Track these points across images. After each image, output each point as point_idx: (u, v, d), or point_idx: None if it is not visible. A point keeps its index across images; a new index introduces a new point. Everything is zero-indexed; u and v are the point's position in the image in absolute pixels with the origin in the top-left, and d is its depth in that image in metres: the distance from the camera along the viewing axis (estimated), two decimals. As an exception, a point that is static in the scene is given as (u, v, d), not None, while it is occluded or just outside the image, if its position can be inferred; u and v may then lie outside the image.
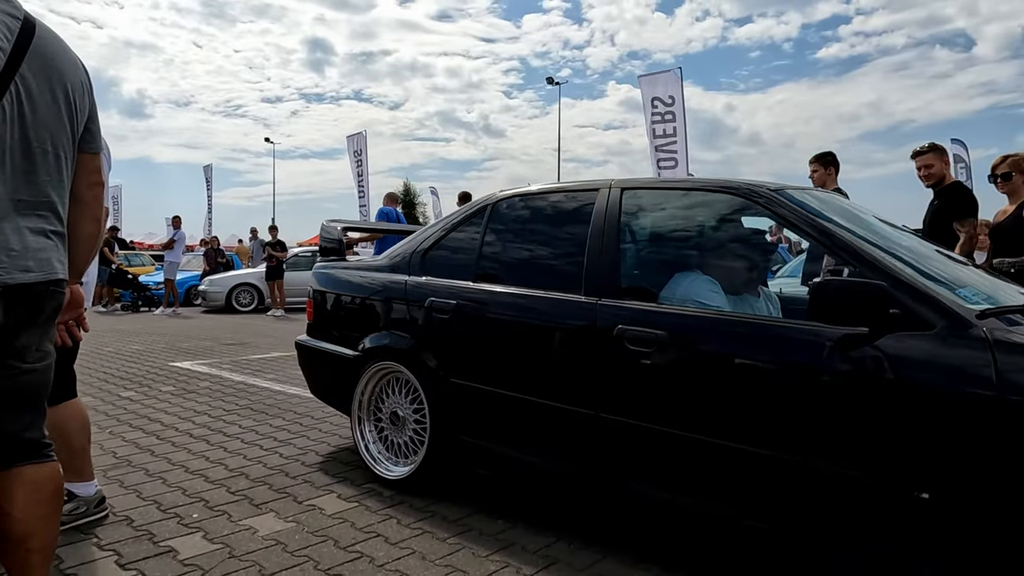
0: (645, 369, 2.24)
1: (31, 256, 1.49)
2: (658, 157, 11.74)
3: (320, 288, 3.55)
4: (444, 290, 2.92)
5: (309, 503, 2.81)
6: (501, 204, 3.01)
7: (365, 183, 17.94)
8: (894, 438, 1.76)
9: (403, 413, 3.05)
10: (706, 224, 2.70)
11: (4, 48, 1.40)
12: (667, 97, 11.65)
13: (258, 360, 6.81)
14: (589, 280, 2.50)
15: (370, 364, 3.14)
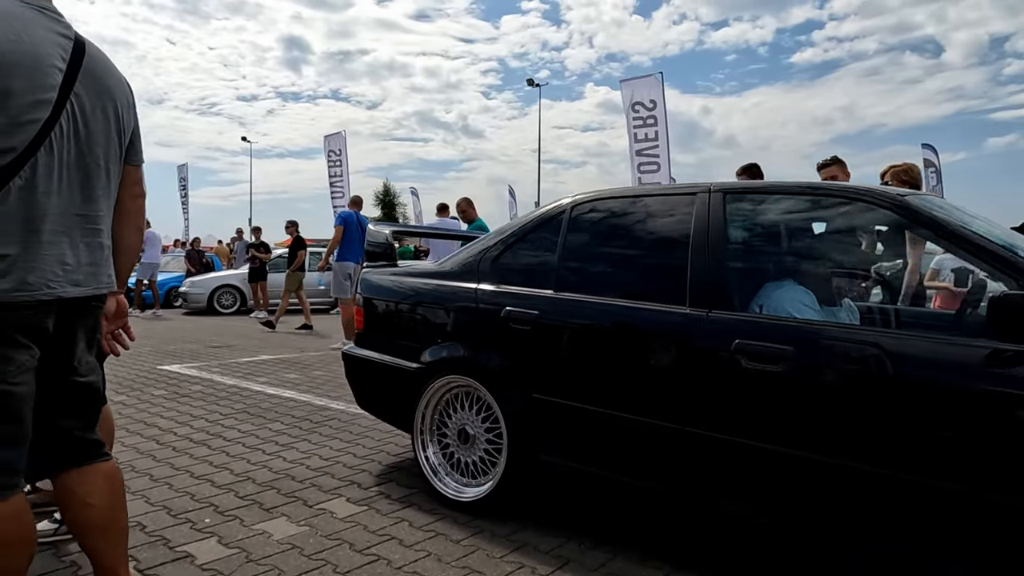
0: (769, 387, 2.08)
1: (82, 270, 1.56)
2: (639, 161, 11.88)
3: (372, 296, 3.34)
4: (523, 300, 2.73)
5: (319, 507, 2.84)
6: (580, 208, 2.81)
7: (345, 184, 17.86)
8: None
9: (473, 430, 2.86)
10: (821, 231, 2.63)
11: (60, 68, 1.46)
12: (648, 101, 11.79)
13: (247, 363, 6.78)
14: (695, 291, 2.33)
15: (435, 378, 2.93)
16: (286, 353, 7.63)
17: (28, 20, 1.45)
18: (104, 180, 1.62)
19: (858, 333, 2.10)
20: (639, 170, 11.84)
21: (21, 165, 1.41)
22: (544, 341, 2.64)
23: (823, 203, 2.46)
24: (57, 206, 1.50)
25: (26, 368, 1.48)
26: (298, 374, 6.17)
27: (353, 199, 8.85)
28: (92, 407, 1.73)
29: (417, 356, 3.01)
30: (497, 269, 2.91)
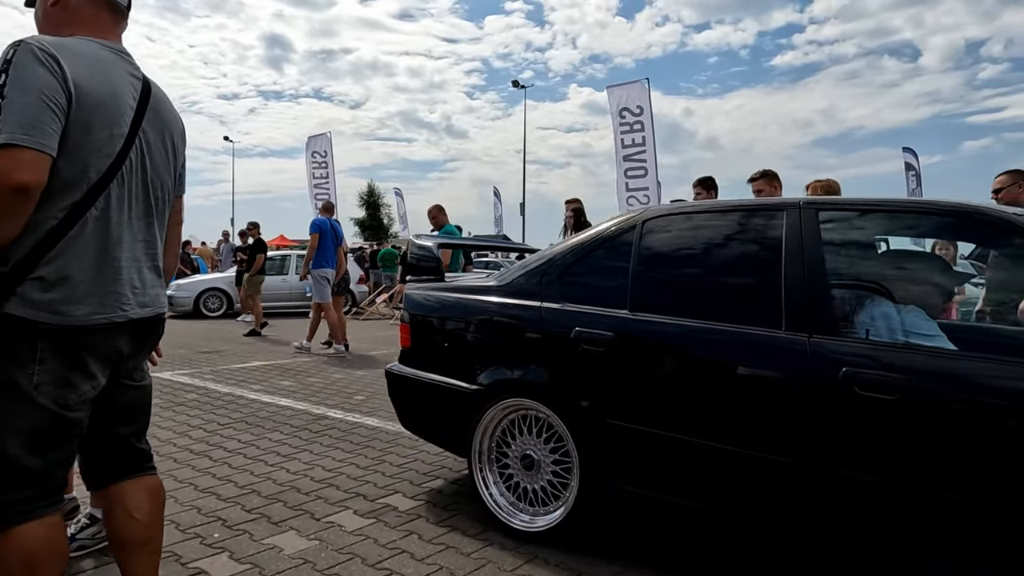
0: (884, 417, 1.97)
1: (148, 292, 1.68)
2: (626, 166, 11.97)
3: (421, 312, 3.20)
4: (595, 320, 2.59)
5: (327, 520, 2.86)
6: (653, 223, 2.68)
7: (331, 185, 17.78)
8: None
9: (538, 456, 2.73)
10: (919, 247, 2.54)
11: (132, 105, 1.59)
12: (635, 107, 11.89)
13: (240, 370, 6.75)
14: (792, 313, 2.21)
15: (495, 400, 2.80)
16: (277, 359, 7.60)
17: (110, 62, 1.59)
18: (162, 209, 1.74)
19: (986, 362, 1.94)
20: (626, 175, 11.93)
21: (97, 196, 1.51)
22: (621, 364, 2.50)
23: (924, 220, 2.38)
24: (127, 234, 1.60)
25: (87, 398, 1.58)
26: (292, 381, 6.15)
27: (325, 205, 8.68)
28: (145, 414, 1.83)
29: (474, 377, 2.87)
30: (561, 287, 2.77)
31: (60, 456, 1.54)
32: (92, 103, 1.49)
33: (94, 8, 1.64)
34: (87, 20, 1.62)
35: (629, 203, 11.81)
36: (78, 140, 1.46)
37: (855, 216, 2.40)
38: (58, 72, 1.42)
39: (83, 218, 1.50)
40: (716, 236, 2.56)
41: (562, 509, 2.64)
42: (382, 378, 6.32)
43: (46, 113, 1.38)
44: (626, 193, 11.89)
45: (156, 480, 1.84)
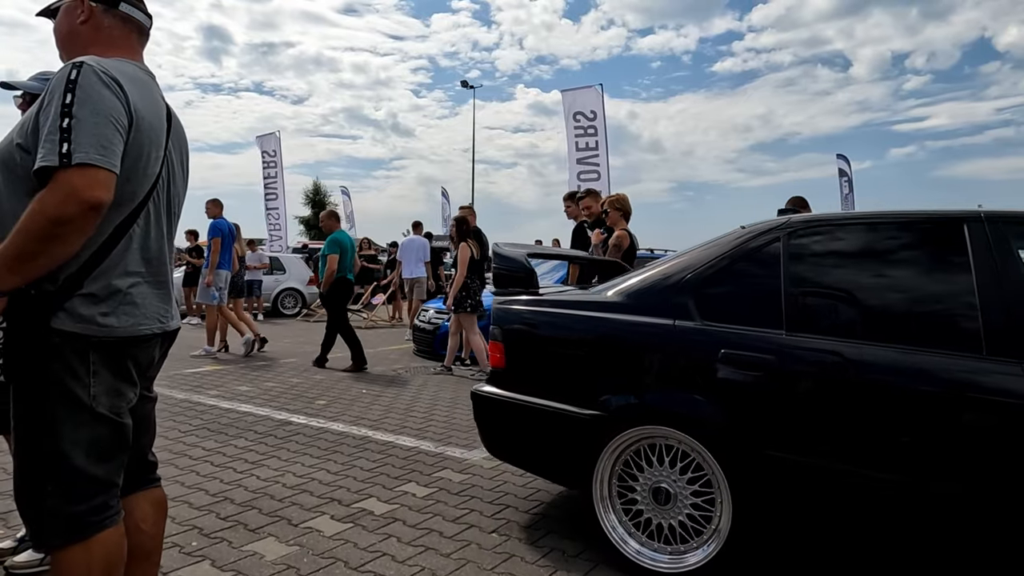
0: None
1: (173, 304, 1.75)
2: (579, 169, 12.22)
3: (519, 329, 2.92)
4: (748, 341, 2.36)
5: (305, 526, 2.89)
6: (800, 235, 2.48)
7: (279, 185, 17.49)
8: None
9: (674, 489, 2.48)
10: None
11: (165, 127, 1.66)
12: (589, 112, 12.15)
13: (193, 375, 6.61)
14: (994, 336, 2.03)
15: (622, 428, 2.54)
16: (230, 363, 7.47)
17: (150, 86, 1.64)
18: (176, 224, 1.80)
19: None
20: (579, 178, 12.17)
21: (139, 212, 1.58)
22: (782, 389, 2.27)
23: None
24: (161, 248, 1.67)
25: (131, 404, 1.64)
26: (250, 386, 6.08)
27: (213, 201, 8.19)
28: (154, 425, 1.87)
29: (593, 402, 2.60)
30: (696, 304, 2.52)
31: (118, 463, 1.61)
32: (146, 126, 1.55)
33: (125, 30, 1.68)
34: (117, 41, 1.66)
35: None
36: (133, 161, 1.52)
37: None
38: (122, 96, 1.48)
39: (128, 234, 1.56)
40: (882, 249, 2.38)
41: (713, 544, 2.39)
42: (342, 382, 6.36)
43: (116, 135, 1.44)
44: (578, 196, 12.14)
45: (161, 492, 1.87)
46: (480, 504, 3.19)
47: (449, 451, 4.06)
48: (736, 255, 2.57)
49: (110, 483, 1.58)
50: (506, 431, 2.97)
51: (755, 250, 2.54)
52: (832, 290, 2.40)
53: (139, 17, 1.72)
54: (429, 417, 4.95)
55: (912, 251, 2.35)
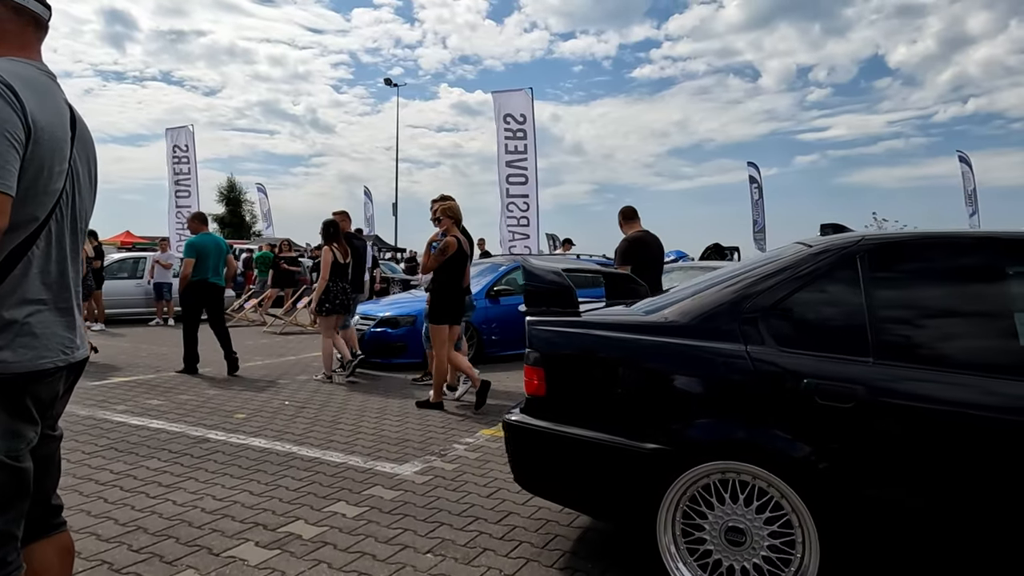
0: None
1: (79, 332, 1.59)
2: (508, 172, 12.24)
3: (561, 352, 2.67)
4: (836, 369, 2.18)
5: (228, 555, 2.73)
6: (878, 254, 2.33)
7: (193, 182, 16.63)
8: None
9: (750, 528, 2.28)
10: None
11: (70, 136, 1.48)
12: (519, 115, 12.19)
13: (98, 388, 6.17)
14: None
15: (692, 463, 2.33)
16: (140, 374, 7.03)
17: (51, 91, 1.46)
18: (82, 240, 1.63)
19: None
20: (508, 181, 12.20)
21: (39, 234, 1.42)
22: (878, 423, 2.11)
23: None
24: (63, 271, 1.51)
25: (31, 445, 1.48)
26: (162, 400, 5.73)
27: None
28: (59, 466, 1.70)
29: (655, 435, 2.40)
30: (768, 328, 2.35)
31: (18, 513, 1.45)
32: (46, 138, 1.39)
33: (19, 23, 1.48)
34: (10, 36, 1.47)
35: (509, 209, 12.08)
36: (31, 179, 1.36)
37: None
38: (18, 106, 1.31)
39: (25, 259, 1.40)
40: (980, 271, 2.24)
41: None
42: (262, 394, 6.10)
43: (10, 152, 1.28)
44: (507, 199, 12.14)
45: (68, 538, 1.70)
46: (413, 523, 3.11)
47: (379, 466, 3.95)
48: (808, 275, 2.39)
49: (8, 535, 1.43)
50: (547, 465, 2.71)
51: (829, 270, 2.37)
52: (927, 315, 2.25)
53: (34, 7, 1.50)
54: (357, 430, 4.81)
55: (1008, 273, 2.23)
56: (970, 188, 20.11)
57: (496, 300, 8.34)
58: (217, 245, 7.28)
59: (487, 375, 6.38)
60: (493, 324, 8.21)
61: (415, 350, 7.61)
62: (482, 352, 8.07)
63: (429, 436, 4.66)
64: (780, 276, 2.44)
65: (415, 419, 5.16)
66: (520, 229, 12.06)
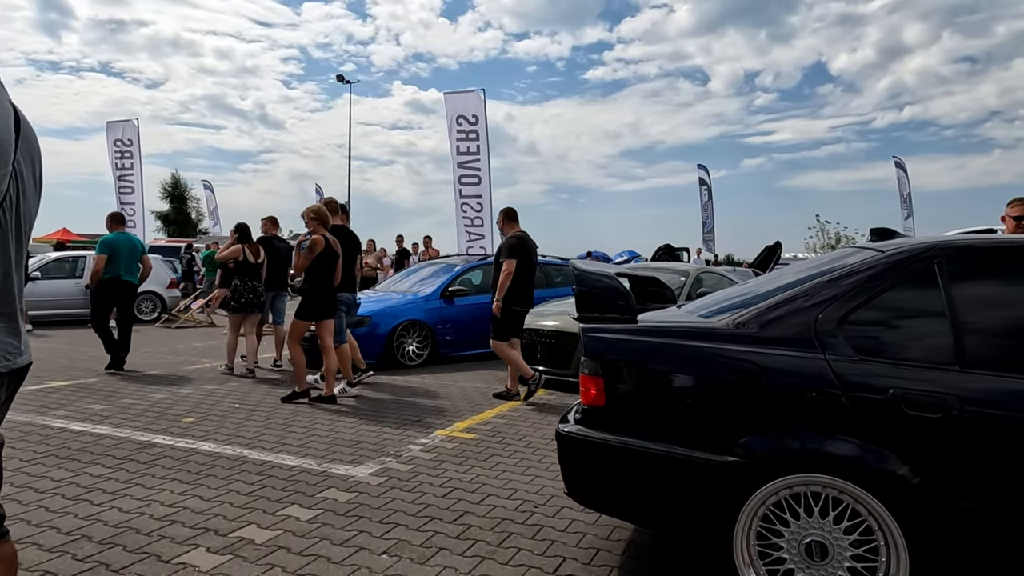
0: None
1: (24, 338, 1.57)
2: (460, 173, 12.26)
3: (621, 361, 2.57)
4: (920, 378, 2.16)
5: (178, 561, 2.69)
6: (958, 260, 2.30)
7: (136, 178, 16.08)
8: None
9: (832, 542, 2.22)
10: None
11: (14, 138, 1.43)
12: (471, 116, 12.22)
13: (35, 392, 5.93)
14: None
15: (771, 476, 2.27)
16: (80, 377, 6.78)
17: None
18: (27, 242, 1.58)
19: None
20: (460, 182, 12.21)
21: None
22: (968, 433, 2.09)
23: None
24: (7, 276, 1.48)
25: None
26: (105, 404, 5.55)
27: None
28: (1, 472, 1.66)
29: (729, 447, 2.33)
30: (846, 336, 2.29)
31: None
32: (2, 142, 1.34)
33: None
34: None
35: (463, 209, 12.11)
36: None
37: None
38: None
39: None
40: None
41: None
42: (211, 396, 5.98)
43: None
44: (459, 199, 12.16)
45: (11, 548, 1.65)
46: (369, 524, 3.11)
47: (334, 468, 3.93)
48: (885, 282, 2.34)
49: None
50: (607, 478, 2.58)
51: (908, 276, 2.33)
52: (1007, 321, 2.22)
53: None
54: (310, 432, 4.76)
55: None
56: (905, 192, 21.08)
57: (451, 301, 8.34)
58: (131, 244, 7.42)
59: (442, 376, 6.43)
60: (448, 325, 8.22)
61: (370, 350, 7.56)
62: (436, 353, 8.07)
63: (384, 438, 4.65)
64: (853, 281, 2.38)
65: (370, 421, 5.15)
66: (475, 229, 12.10)
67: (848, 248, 2.81)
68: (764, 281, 2.87)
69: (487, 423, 5.15)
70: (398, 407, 5.64)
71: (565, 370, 6.58)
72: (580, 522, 3.19)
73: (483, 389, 6.50)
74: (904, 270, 2.34)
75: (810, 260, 2.99)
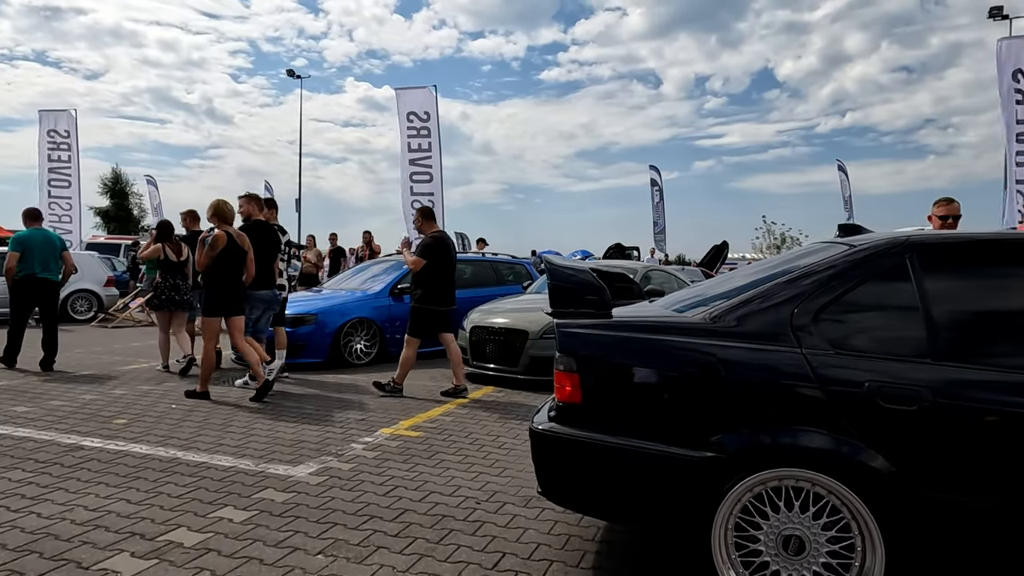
0: None
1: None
2: (412, 170, 12.15)
3: (597, 356, 2.52)
4: (894, 372, 2.18)
5: (99, 567, 2.56)
6: (929, 255, 2.34)
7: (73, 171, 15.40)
8: None
9: (809, 537, 2.23)
10: None
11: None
12: (423, 113, 12.12)
13: (-47, 395, 5.60)
14: None
15: (747, 471, 2.26)
16: (3, 379, 6.44)
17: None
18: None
19: None
20: (411, 179, 12.11)
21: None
22: (942, 425, 2.12)
23: None
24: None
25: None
26: (30, 406, 5.28)
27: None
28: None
29: (705, 442, 2.31)
30: (820, 329, 2.30)
31: None
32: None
33: None
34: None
35: (413, 205, 11.99)
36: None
37: None
38: None
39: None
40: None
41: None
42: (146, 397, 5.76)
43: None
44: (411, 196, 12.05)
45: None
46: (305, 524, 3.03)
47: (272, 469, 3.82)
48: (858, 276, 2.36)
49: None
50: (582, 476, 2.52)
51: (880, 270, 2.36)
52: (977, 315, 2.27)
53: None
54: (249, 433, 4.63)
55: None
56: (847, 194, 21.87)
57: (400, 298, 8.25)
58: (46, 240, 7.19)
59: (391, 374, 6.33)
60: (396, 323, 8.11)
61: (316, 348, 7.41)
62: (385, 351, 7.96)
63: (327, 436, 4.55)
64: (826, 275, 2.40)
65: (312, 421, 5.03)
66: (426, 227, 12.01)
67: (817, 243, 2.87)
68: (738, 276, 2.88)
69: (434, 421, 5.10)
70: (343, 406, 5.54)
71: (514, 367, 6.57)
72: (521, 517, 3.17)
73: (431, 387, 6.44)
74: (876, 263, 2.37)
75: (780, 256, 3.00)
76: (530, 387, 6.46)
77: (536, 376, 6.45)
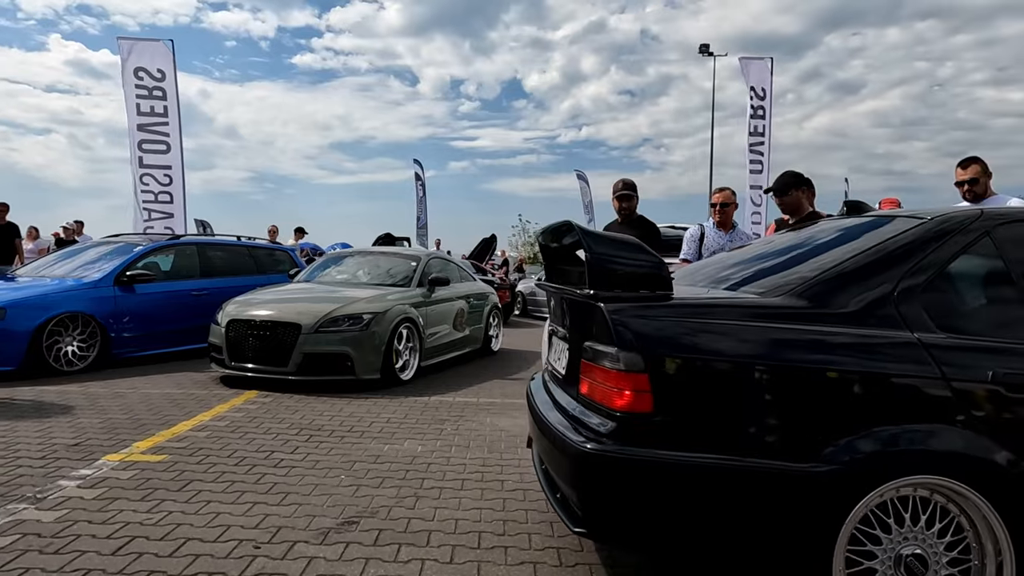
0: None
1: None
2: (141, 137, 10.14)
3: (672, 351, 1.93)
4: (1017, 360, 1.90)
5: None
6: (1007, 232, 2.10)
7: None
8: None
9: (931, 555, 1.89)
10: None
11: None
12: (156, 71, 10.17)
13: None
14: None
15: (876, 484, 1.84)
16: None
17: None
18: None
19: None
20: (140, 148, 10.13)
21: None
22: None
23: None
24: None
25: None
26: None
27: None
28: None
29: (817, 453, 1.84)
30: (928, 312, 1.97)
31: None
32: None
33: None
34: None
35: (144, 181, 10.05)
36: None
37: None
38: None
39: None
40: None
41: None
42: None
43: None
44: (140, 169, 10.05)
45: None
46: None
47: (-82, 534, 2.52)
48: (947, 251, 2.07)
49: None
50: (659, 507, 1.92)
51: (967, 246, 2.08)
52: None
53: None
54: None
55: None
56: (587, 200, 23.83)
57: (131, 288, 6.66)
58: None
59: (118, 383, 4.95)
60: (126, 318, 6.53)
61: (5, 354, 5.62)
62: (108, 354, 6.34)
63: (18, 475, 3.24)
64: (914, 252, 2.07)
65: (-5, 452, 3.61)
66: (160, 206, 10.10)
67: (868, 216, 2.54)
68: (768, 253, 2.54)
69: (182, 438, 3.99)
70: (45, 429, 4.12)
71: (283, 367, 5.58)
72: (321, 560, 2.43)
73: (176, 396, 5.18)
74: (960, 239, 2.10)
75: (816, 228, 2.67)
76: (303, 388, 5.54)
77: (310, 376, 5.56)
